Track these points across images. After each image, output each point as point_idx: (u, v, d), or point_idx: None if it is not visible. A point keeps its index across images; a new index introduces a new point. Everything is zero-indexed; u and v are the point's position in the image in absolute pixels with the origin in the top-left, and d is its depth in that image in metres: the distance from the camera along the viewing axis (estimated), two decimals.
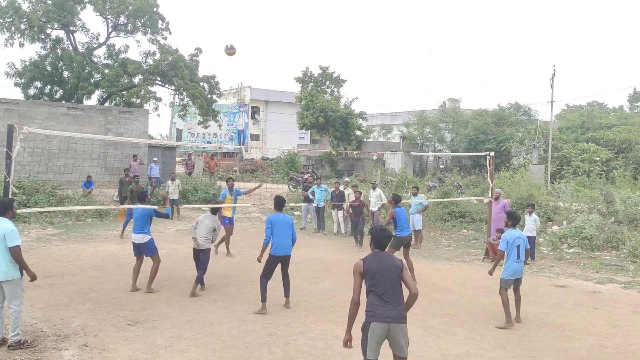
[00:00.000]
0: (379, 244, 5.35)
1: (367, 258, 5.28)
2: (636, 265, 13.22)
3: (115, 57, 29.23)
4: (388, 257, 5.29)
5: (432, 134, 37.33)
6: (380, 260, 5.21)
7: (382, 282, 5.11)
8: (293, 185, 26.93)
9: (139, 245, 9.59)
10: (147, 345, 6.90)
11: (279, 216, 8.71)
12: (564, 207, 17.95)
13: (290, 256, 8.88)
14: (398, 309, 5.10)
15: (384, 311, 5.05)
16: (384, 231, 5.39)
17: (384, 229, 5.44)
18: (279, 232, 8.59)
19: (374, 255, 5.30)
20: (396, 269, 5.18)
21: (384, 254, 5.32)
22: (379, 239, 5.34)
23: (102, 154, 23.46)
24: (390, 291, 5.11)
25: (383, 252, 5.35)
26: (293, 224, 8.86)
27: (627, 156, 30.13)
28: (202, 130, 44.41)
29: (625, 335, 7.90)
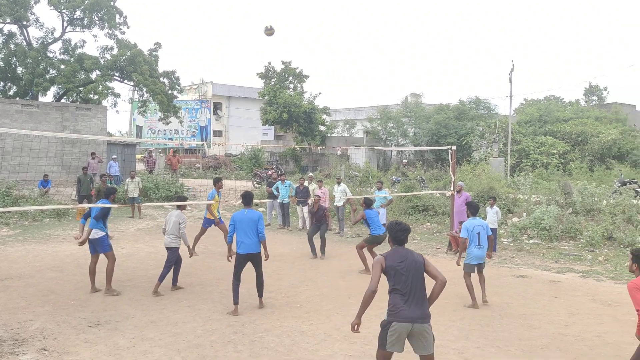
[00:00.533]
0: (397, 239, 5.19)
1: (388, 254, 5.10)
2: (593, 254, 13.61)
3: (71, 53, 28.45)
4: (409, 253, 5.12)
5: (395, 129, 37.68)
6: (402, 257, 5.06)
7: (405, 281, 4.96)
8: (257, 182, 26.77)
9: (92, 240, 9.28)
10: (109, 347, 6.73)
11: (242, 213, 8.38)
12: (524, 199, 18.36)
13: (260, 253, 8.44)
14: (422, 308, 4.94)
15: (408, 312, 4.88)
16: (400, 224, 5.22)
17: (400, 222, 5.26)
18: (242, 229, 8.26)
19: (394, 252, 5.12)
20: (418, 264, 5.04)
21: (404, 250, 5.15)
22: (396, 234, 5.18)
23: (59, 152, 22.83)
24: (413, 290, 4.95)
25: (402, 247, 5.18)
26: (260, 219, 8.37)
27: (584, 148, 31.04)
28: (163, 127, 43.64)
29: (585, 323, 8.11)
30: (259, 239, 8.36)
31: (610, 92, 60.78)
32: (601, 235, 14.49)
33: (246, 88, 53.10)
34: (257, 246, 8.38)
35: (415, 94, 43.81)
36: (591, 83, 53.46)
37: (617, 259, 13.16)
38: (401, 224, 5.24)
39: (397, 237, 5.18)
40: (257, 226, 8.31)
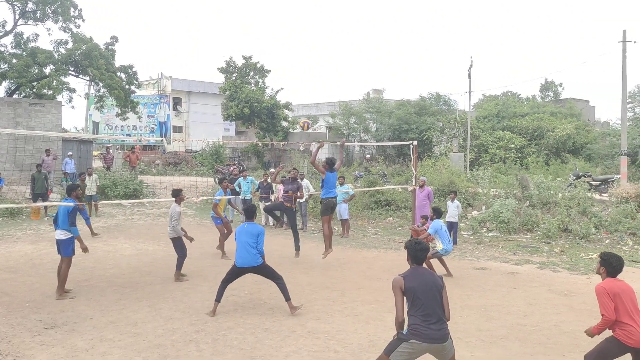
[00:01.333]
0: (416, 258, 5.11)
1: (406, 275, 5.00)
2: (550, 246, 13.98)
3: (23, 46, 27.46)
4: (429, 273, 5.05)
5: (358, 124, 37.78)
6: (421, 277, 4.96)
7: (424, 302, 4.85)
8: (219, 178, 26.46)
9: (58, 241, 8.92)
10: (66, 349, 6.53)
11: (243, 226, 8.11)
12: (483, 192, 18.71)
13: (261, 265, 8.01)
14: (442, 328, 4.85)
15: (428, 332, 4.79)
16: (420, 244, 5.13)
17: (419, 241, 5.18)
18: (239, 243, 7.97)
19: (414, 272, 5.04)
20: (437, 287, 4.95)
21: (424, 270, 5.07)
22: (415, 253, 5.11)
23: (12, 149, 22.05)
24: (433, 310, 4.85)
25: (422, 267, 5.10)
26: (260, 234, 7.97)
27: (540, 143, 31.77)
28: (121, 123, 42.66)
29: (542, 313, 8.32)
30: (257, 253, 7.99)
31: (565, 88, 62.36)
32: (557, 227, 14.90)
33: (207, 83, 52.43)
34: (254, 260, 7.94)
35: (377, 89, 44.05)
36: (547, 79, 54.77)
37: (573, 250, 13.55)
38: (421, 243, 5.18)
39: (416, 257, 5.12)
40: (256, 239, 7.96)
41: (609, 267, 5.31)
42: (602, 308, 5.14)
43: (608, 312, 5.10)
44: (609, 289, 5.13)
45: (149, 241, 14.43)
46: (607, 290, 5.14)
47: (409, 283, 4.92)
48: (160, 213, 19.56)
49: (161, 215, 19.27)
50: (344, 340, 7.00)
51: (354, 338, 7.08)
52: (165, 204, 20.51)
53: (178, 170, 32.61)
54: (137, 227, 16.79)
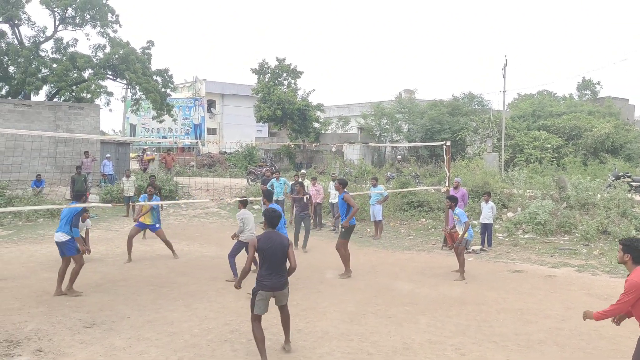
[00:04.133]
0: (271, 224, 6.34)
1: (260, 237, 6.27)
2: (588, 248, 13.66)
3: (63, 51, 28.26)
4: (277, 235, 6.27)
5: (389, 125, 37.60)
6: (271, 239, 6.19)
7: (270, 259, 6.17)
8: (252, 179, 26.70)
9: (58, 244, 9.13)
10: (104, 348, 6.69)
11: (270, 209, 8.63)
12: (518, 193, 18.38)
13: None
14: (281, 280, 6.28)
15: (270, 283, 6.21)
16: (275, 212, 6.43)
17: (275, 209, 6.64)
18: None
19: (267, 235, 6.27)
20: (283, 247, 6.21)
21: (275, 233, 6.30)
22: (271, 219, 6.33)
23: (52, 152, 22.70)
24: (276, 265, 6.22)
25: (274, 231, 6.32)
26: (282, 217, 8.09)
27: (577, 143, 31.10)
28: (157, 125, 43.41)
29: (581, 317, 8.11)
30: None
31: (603, 87, 60.81)
32: (596, 229, 14.54)
33: (240, 85, 52.87)
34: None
35: (409, 89, 43.74)
36: (584, 77, 53.50)
37: (612, 252, 13.19)
38: (276, 210, 6.57)
39: (271, 222, 6.35)
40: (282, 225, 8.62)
41: (634, 253, 4.85)
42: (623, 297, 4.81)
43: (625, 305, 4.81)
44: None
45: (184, 241, 14.65)
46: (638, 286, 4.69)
47: (261, 244, 6.19)
48: (195, 214, 19.84)
49: (196, 216, 19.55)
50: (377, 342, 6.99)
51: (388, 340, 7.06)
52: (200, 205, 20.82)
53: (212, 172, 33.00)
54: (172, 227, 17.06)
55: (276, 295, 6.30)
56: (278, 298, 6.36)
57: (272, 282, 6.20)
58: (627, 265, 4.96)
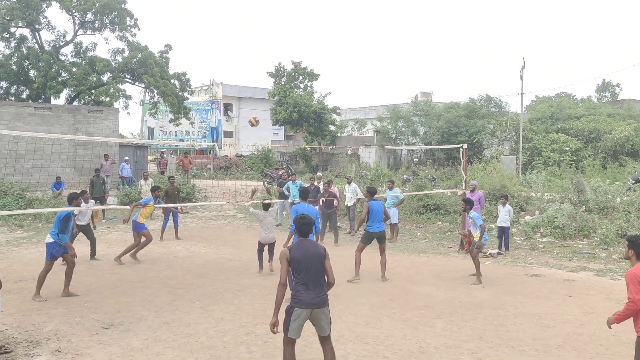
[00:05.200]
0: (301, 232, 5.66)
1: (292, 247, 5.57)
2: (607, 252, 13.47)
3: (83, 55, 28.64)
4: (312, 245, 5.58)
5: (406, 128, 37.50)
6: (304, 249, 5.49)
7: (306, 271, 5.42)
8: (268, 182, 26.79)
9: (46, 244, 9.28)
10: (122, 349, 6.76)
11: (302, 206, 8.93)
12: (536, 197, 18.20)
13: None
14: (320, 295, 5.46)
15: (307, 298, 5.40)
16: (305, 219, 5.68)
17: (304, 216, 5.72)
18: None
19: (299, 244, 5.57)
20: (319, 257, 5.49)
21: (308, 242, 5.60)
22: (300, 227, 5.66)
23: (72, 154, 22.97)
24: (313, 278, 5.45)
25: (307, 239, 5.63)
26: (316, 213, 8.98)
27: (596, 145, 30.72)
28: (174, 128, 43.76)
29: (600, 322, 8.02)
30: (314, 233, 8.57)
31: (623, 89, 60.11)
32: (615, 233, 14.34)
33: (256, 88, 53.12)
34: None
35: (425, 92, 43.64)
36: (604, 79, 52.89)
37: None
38: (306, 217, 5.72)
39: (301, 230, 5.67)
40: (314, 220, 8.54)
41: (638, 249, 5.16)
42: (630, 292, 4.97)
43: (637, 296, 4.90)
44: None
45: (201, 244, 14.75)
46: (637, 277, 4.96)
47: (293, 254, 5.47)
48: (212, 216, 19.95)
49: (212, 218, 19.66)
50: (392, 345, 6.97)
51: (403, 344, 7.03)
52: (216, 207, 20.94)
53: (229, 175, 33.17)
54: (189, 229, 17.20)
55: (315, 315, 5.42)
56: (317, 321, 5.47)
57: (310, 297, 5.38)
58: (632, 261, 5.25)
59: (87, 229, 12.23)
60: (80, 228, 12.05)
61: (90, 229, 12.33)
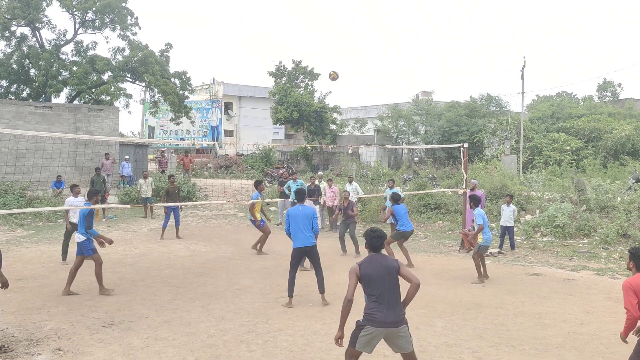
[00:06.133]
0: (373, 246, 5.30)
1: (362, 262, 5.21)
2: (608, 252, 13.47)
3: (83, 54, 28.64)
4: (383, 259, 5.22)
5: (406, 127, 37.51)
6: (376, 264, 5.15)
7: (378, 287, 5.06)
8: (268, 181, 26.81)
9: (77, 243, 9.37)
10: (123, 347, 6.76)
11: (297, 208, 8.80)
12: (537, 196, 18.21)
13: (314, 247, 8.75)
14: (395, 313, 5.03)
15: (380, 316, 5.01)
16: (375, 232, 5.32)
17: (375, 229, 5.37)
18: (295, 224, 8.64)
19: (370, 259, 5.23)
20: (392, 271, 5.13)
21: (379, 256, 5.25)
22: (371, 241, 5.30)
23: (72, 153, 22.98)
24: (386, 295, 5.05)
25: (377, 254, 5.28)
26: (314, 214, 8.83)
27: (597, 145, 30.73)
28: (175, 127, 43.79)
29: (600, 321, 8.03)
30: (313, 233, 8.73)
31: (624, 88, 59.88)
32: (616, 232, 14.34)
33: (257, 87, 53.12)
34: (311, 240, 8.69)
35: (426, 91, 43.62)
36: (605, 79, 52.77)
37: None
38: (376, 230, 5.36)
39: (372, 244, 5.30)
40: (309, 221, 8.69)
41: (638, 261, 5.29)
42: (626, 302, 5.14)
43: (631, 308, 5.07)
44: (635, 285, 5.10)
45: (201, 242, 14.76)
46: (632, 286, 5.11)
47: (364, 270, 5.11)
48: (212, 215, 19.96)
49: (213, 217, 19.67)
50: None
51: None
52: (217, 206, 20.94)
53: (229, 174, 33.19)
54: (190, 228, 17.20)
55: (390, 334, 5.02)
56: (393, 340, 5.07)
57: (383, 316, 4.97)
58: (632, 272, 5.42)
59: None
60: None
61: None
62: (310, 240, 8.69)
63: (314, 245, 8.75)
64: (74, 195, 11.81)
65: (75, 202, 11.65)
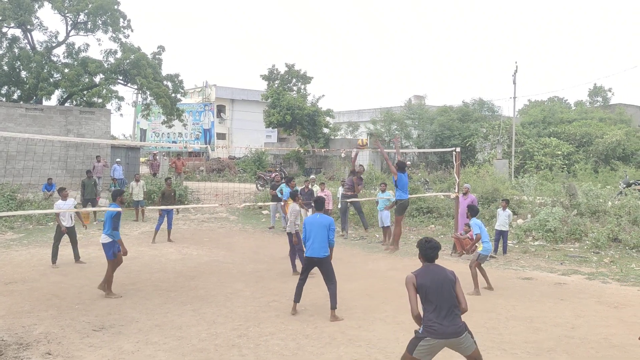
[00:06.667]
0: (427, 256, 5.26)
1: (418, 272, 5.19)
2: (599, 256, 13.54)
3: (75, 56, 28.54)
4: (439, 269, 5.19)
5: (399, 131, 37.60)
6: (432, 274, 5.13)
7: (436, 298, 5.02)
8: (261, 184, 26.75)
9: (102, 244, 9.38)
10: (113, 351, 6.71)
11: (315, 217, 8.47)
12: (528, 200, 18.29)
13: (326, 259, 8.26)
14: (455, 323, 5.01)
15: (440, 328, 4.96)
16: (430, 242, 5.28)
17: (429, 240, 5.31)
18: (311, 233, 8.31)
19: (425, 269, 5.21)
20: (449, 282, 5.10)
21: (435, 267, 5.22)
22: (426, 252, 5.27)
23: (63, 156, 22.85)
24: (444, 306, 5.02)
25: (433, 264, 5.25)
26: (331, 225, 8.31)
27: (588, 150, 30.93)
28: (167, 130, 43.63)
29: (591, 325, 8.06)
30: (329, 244, 8.31)
31: (615, 93, 60.43)
32: (607, 236, 14.42)
33: (250, 91, 53.11)
34: (323, 251, 8.24)
35: (418, 95, 43.74)
36: (596, 84, 53.20)
37: (623, 260, 13.09)
38: (431, 241, 5.31)
39: (427, 255, 5.26)
40: (326, 231, 8.26)
41: None
42: None
43: None
44: None
45: (193, 246, 14.69)
46: None
47: (420, 280, 5.09)
48: (204, 218, 19.89)
49: (205, 220, 19.60)
50: (385, 348, 6.96)
51: (396, 347, 7.02)
52: (209, 210, 20.88)
53: (221, 177, 33.10)
54: (182, 232, 17.12)
55: (452, 343, 5.02)
56: (457, 347, 5.08)
57: (443, 327, 4.94)
58: None
59: (72, 231, 12.11)
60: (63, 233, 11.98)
61: (74, 231, 12.24)
62: (321, 252, 8.22)
63: (325, 257, 8.25)
64: (63, 198, 11.74)
65: (65, 205, 11.59)
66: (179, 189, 22.02)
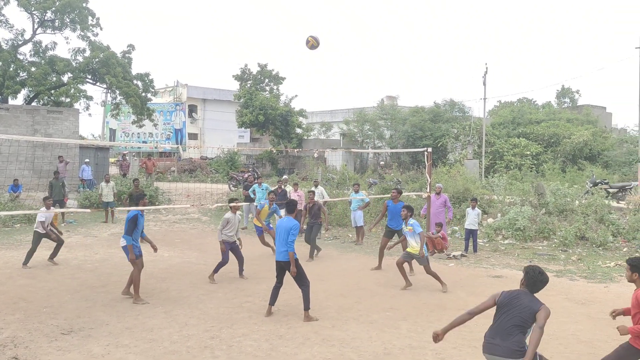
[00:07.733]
0: (531, 286, 5.04)
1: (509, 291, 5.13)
2: (567, 254, 13.83)
3: (42, 55, 27.89)
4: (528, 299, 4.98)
5: (372, 131, 37.78)
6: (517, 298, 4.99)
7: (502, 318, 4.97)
8: (233, 185, 26.59)
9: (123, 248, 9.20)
10: (82, 355, 6.59)
11: (282, 220, 8.32)
12: (498, 200, 18.56)
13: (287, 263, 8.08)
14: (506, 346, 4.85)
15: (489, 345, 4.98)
16: (543, 275, 5.04)
17: (542, 272, 5.07)
18: (279, 237, 8.16)
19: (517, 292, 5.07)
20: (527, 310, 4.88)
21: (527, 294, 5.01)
22: (534, 282, 5.04)
23: (30, 156, 22.34)
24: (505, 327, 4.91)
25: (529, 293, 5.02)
26: (294, 228, 8.03)
27: (556, 150, 31.53)
28: (137, 130, 43.10)
29: (559, 321, 8.21)
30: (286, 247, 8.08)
31: (582, 95, 61.64)
32: (574, 235, 14.74)
33: (222, 90, 52.74)
34: (285, 255, 8.11)
35: (391, 96, 43.99)
36: (564, 85, 54.30)
37: (590, 258, 13.39)
38: (544, 274, 5.08)
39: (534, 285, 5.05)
40: (287, 234, 8.04)
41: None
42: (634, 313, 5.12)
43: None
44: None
45: (164, 247, 14.48)
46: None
47: (503, 298, 5.05)
48: (176, 219, 19.67)
49: (176, 221, 19.38)
50: (358, 347, 6.98)
51: (369, 346, 7.06)
52: (180, 211, 20.66)
53: (193, 177, 32.79)
54: (152, 233, 16.85)
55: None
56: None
57: (492, 346, 4.93)
58: (637, 283, 5.32)
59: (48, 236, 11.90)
60: (42, 236, 11.78)
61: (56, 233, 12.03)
62: (285, 256, 8.08)
63: (289, 261, 8.05)
64: (46, 207, 11.55)
65: (49, 215, 11.59)
66: (150, 189, 21.73)
